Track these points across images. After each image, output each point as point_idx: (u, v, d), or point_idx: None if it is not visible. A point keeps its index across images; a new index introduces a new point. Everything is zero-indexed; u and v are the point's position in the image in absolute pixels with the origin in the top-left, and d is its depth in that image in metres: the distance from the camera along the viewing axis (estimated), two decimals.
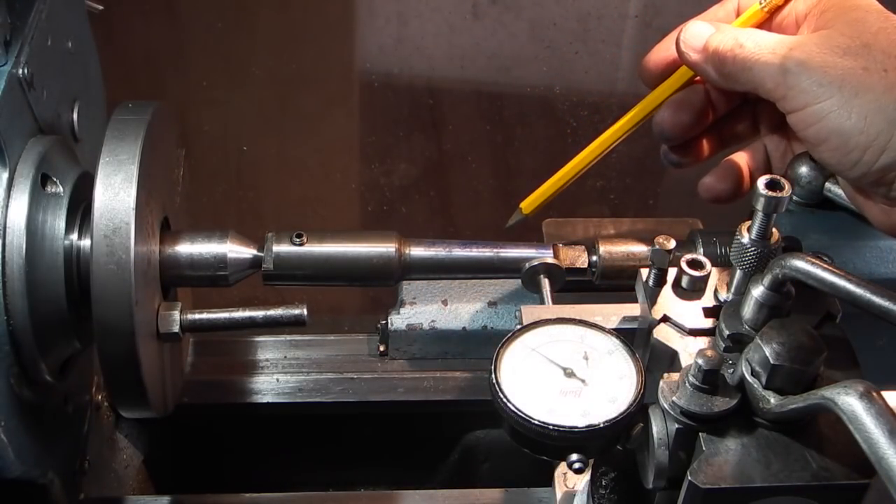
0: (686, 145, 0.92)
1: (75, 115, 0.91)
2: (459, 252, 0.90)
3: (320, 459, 1.17)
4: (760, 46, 0.79)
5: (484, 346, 1.10)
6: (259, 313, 0.84)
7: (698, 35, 0.84)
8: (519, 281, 0.91)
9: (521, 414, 0.72)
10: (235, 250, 0.86)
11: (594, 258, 0.90)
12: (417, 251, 0.89)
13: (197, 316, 0.84)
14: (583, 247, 0.91)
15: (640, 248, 0.90)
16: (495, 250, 0.90)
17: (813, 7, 0.82)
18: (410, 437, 1.15)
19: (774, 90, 0.78)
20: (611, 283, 0.90)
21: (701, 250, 0.87)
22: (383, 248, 0.88)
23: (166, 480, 1.12)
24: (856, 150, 0.75)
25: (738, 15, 0.88)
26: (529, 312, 0.81)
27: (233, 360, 1.12)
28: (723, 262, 0.86)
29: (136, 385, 0.79)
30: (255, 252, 0.87)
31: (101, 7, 0.98)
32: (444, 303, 1.09)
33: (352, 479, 1.18)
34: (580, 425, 0.71)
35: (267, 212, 1.58)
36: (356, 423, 1.13)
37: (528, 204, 0.94)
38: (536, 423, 0.71)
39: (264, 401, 1.09)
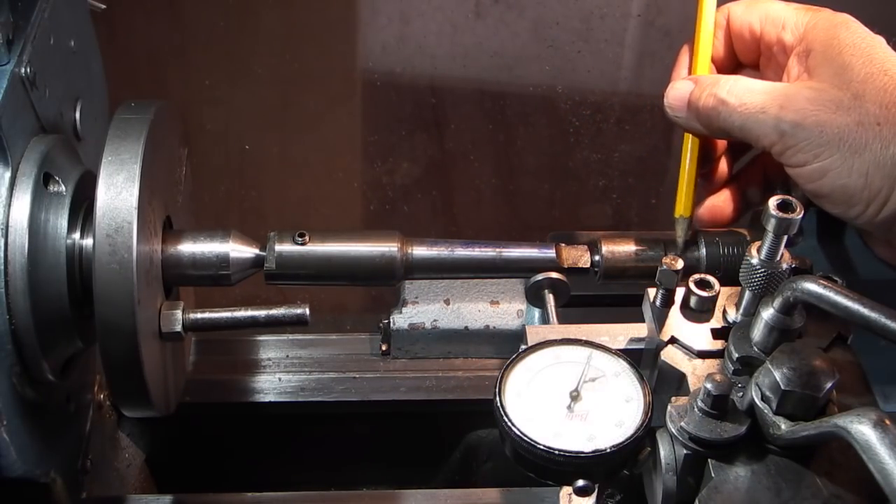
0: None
1: (78, 114, 0.91)
2: (462, 252, 0.89)
3: (322, 458, 1.17)
4: (746, 104, 0.79)
5: (486, 345, 1.10)
6: (261, 313, 0.84)
7: (680, 96, 0.84)
8: (521, 280, 0.91)
9: (525, 438, 0.71)
10: (238, 250, 0.86)
11: (597, 258, 0.89)
12: (420, 251, 0.89)
13: (199, 315, 0.84)
14: (585, 247, 0.91)
15: (642, 248, 0.89)
16: (498, 250, 0.90)
17: (797, 44, 0.82)
18: (412, 436, 1.15)
19: (771, 147, 0.79)
20: (613, 282, 0.90)
21: (703, 250, 0.87)
22: (386, 247, 0.88)
23: (168, 479, 1.12)
24: (859, 204, 0.77)
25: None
26: (534, 333, 0.80)
27: (235, 359, 1.12)
28: (725, 263, 0.86)
29: (139, 384, 0.79)
30: (257, 251, 0.87)
31: (103, 6, 0.98)
32: (447, 302, 1.09)
33: (353, 479, 1.18)
34: (586, 450, 0.70)
35: (269, 211, 1.58)
36: (358, 422, 1.13)
37: (683, 207, 0.88)
38: (542, 448, 0.70)
39: (266, 400, 1.09)
